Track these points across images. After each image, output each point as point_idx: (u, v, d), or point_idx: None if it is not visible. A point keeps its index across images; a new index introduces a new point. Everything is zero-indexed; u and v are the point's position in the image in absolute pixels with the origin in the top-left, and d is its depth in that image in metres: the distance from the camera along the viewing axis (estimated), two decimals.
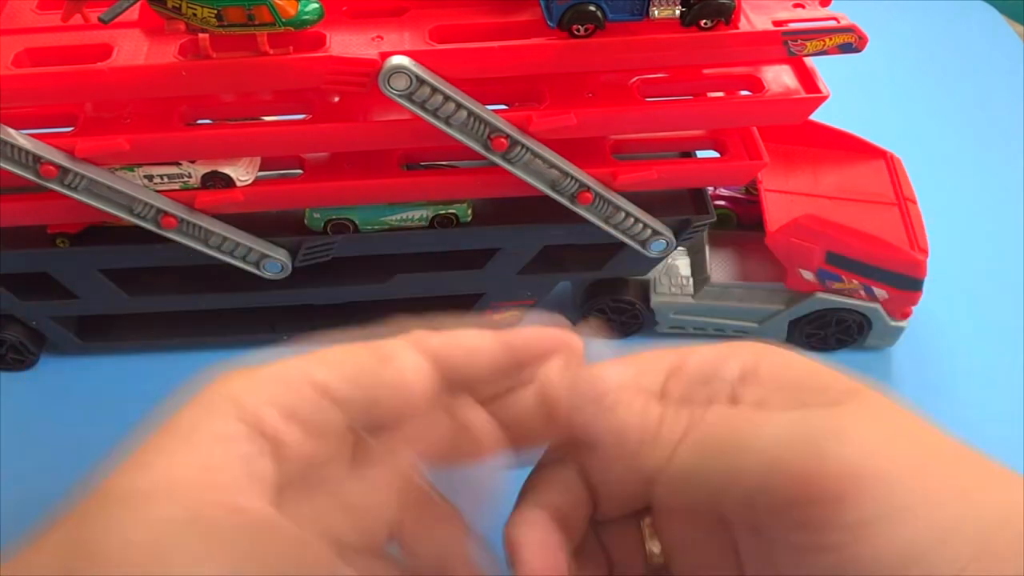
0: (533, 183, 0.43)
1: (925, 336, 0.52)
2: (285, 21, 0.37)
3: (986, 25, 0.81)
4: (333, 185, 0.44)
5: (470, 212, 0.46)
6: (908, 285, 0.47)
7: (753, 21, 0.40)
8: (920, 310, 0.49)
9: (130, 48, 0.39)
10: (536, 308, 0.51)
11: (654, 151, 0.47)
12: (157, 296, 0.49)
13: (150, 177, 0.42)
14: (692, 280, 0.50)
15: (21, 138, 0.39)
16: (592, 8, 0.38)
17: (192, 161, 0.42)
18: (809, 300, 0.49)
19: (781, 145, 0.50)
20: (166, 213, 0.43)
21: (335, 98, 0.43)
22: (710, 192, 0.49)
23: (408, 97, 0.39)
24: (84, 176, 0.41)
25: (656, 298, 0.50)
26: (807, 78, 0.43)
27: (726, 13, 0.38)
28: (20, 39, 0.40)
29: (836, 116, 0.49)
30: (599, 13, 0.38)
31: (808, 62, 0.43)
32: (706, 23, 0.39)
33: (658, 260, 0.48)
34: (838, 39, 0.39)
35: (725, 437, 0.24)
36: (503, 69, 0.40)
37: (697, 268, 0.51)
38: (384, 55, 0.38)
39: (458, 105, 0.40)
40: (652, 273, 0.50)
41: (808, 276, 0.48)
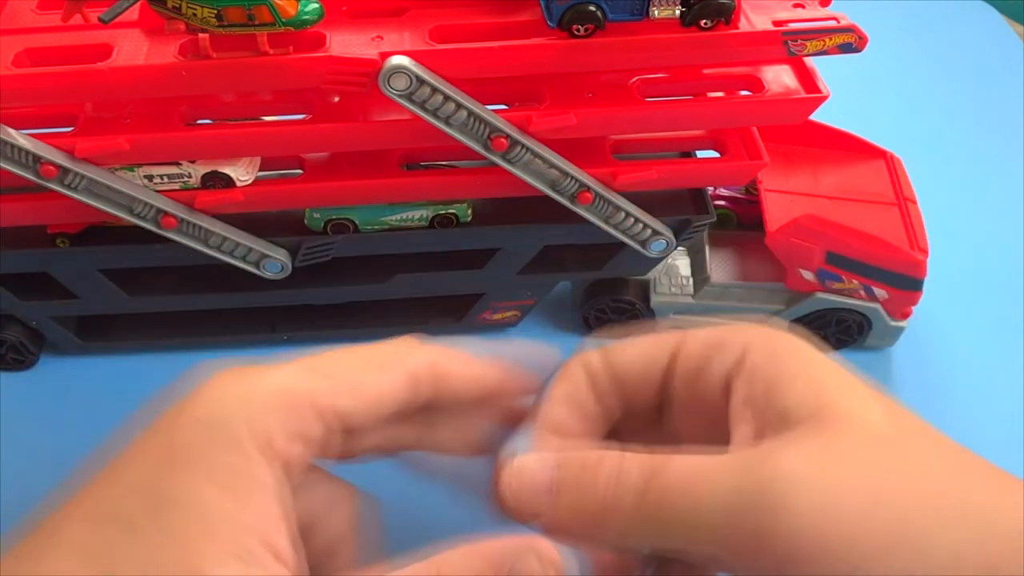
0: (533, 183, 0.43)
1: (925, 336, 0.52)
2: (285, 21, 0.37)
3: (986, 25, 0.81)
4: (333, 185, 0.44)
5: (470, 212, 0.46)
6: (908, 285, 0.47)
7: (753, 21, 0.40)
8: (920, 310, 0.49)
9: (130, 48, 0.39)
10: (536, 308, 0.52)
11: (654, 151, 0.47)
12: (157, 296, 0.49)
13: (150, 177, 0.42)
14: (692, 280, 0.50)
15: (21, 138, 0.39)
16: (592, 8, 0.38)
17: (192, 161, 0.42)
18: (809, 300, 0.49)
19: (781, 145, 0.50)
20: (166, 213, 0.43)
21: (335, 98, 0.43)
22: (710, 192, 0.49)
23: (408, 97, 0.39)
24: (84, 176, 0.41)
25: (656, 298, 0.50)
26: (807, 78, 0.43)
27: (726, 13, 0.38)
28: (20, 39, 0.40)
29: (836, 116, 0.49)
30: (599, 13, 0.38)
31: (808, 62, 0.43)
32: (706, 23, 0.39)
33: (658, 260, 0.48)
34: (838, 39, 0.39)
35: (676, 497, 0.25)
36: (503, 69, 0.40)
37: (697, 268, 0.51)
38: (384, 55, 0.38)
39: (458, 105, 0.40)
40: (652, 273, 0.50)
41: (808, 276, 0.48)
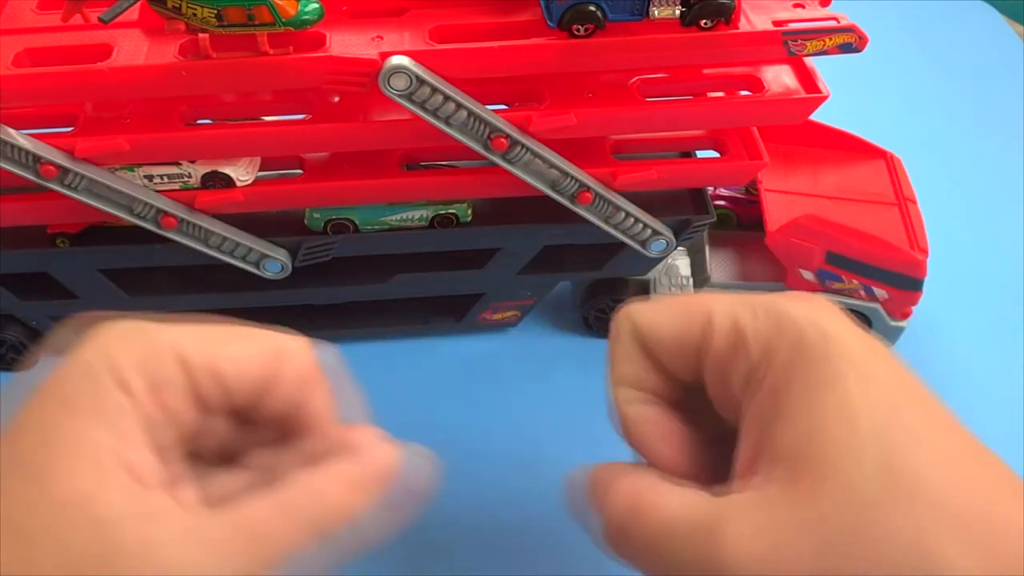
0: (533, 183, 0.43)
1: (925, 336, 0.52)
2: (285, 21, 0.37)
3: (986, 25, 0.81)
4: (333, 185, 0.44)
5: (470, 212, 0.46)
6: (908, 285, 0.47)
7: (753, 21, 0.40)
8: (920, 310, 0.49)
9: (130, 48, 0.39)
10: (536, 308, 0.52)
11: (654, 151, 0.47)
12: (157, 296, 0.48)
13: (150, 177, 0.42)
14: (692, 280, 0.50)
15: (21, 138, 0.39)
16: (592, 8, 0.38)
17: (192, 161, 0.42)
18: None
19: (781, 145, 0.50)
20: (166, 213, 0.43)
21: (335, 98, 0.43)
22: (710, 192, 0.49)
23: (408, 97, 0.39)
24: (84, 176, 0.41)
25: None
26: (807, 78, 0.43)
27: (726, 13, 0.38)
28: (20, 39, 0.40)
29: (836, 116, 0.49)
30: (599, 13, 0.38)
31: (808, 62, 0.43)
32: (706, 23, 0.39)
33: (658, 260, 0.48)
34: (838, 39, 0.39)
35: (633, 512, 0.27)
36: (503, 69, 0.40)
37: (697, 268, 0.51)
38: (384, 55, 0.38)
39: (458, 105, 0.40)
40: (652, 273, 0.50)
41: (808, 276, 0.48)
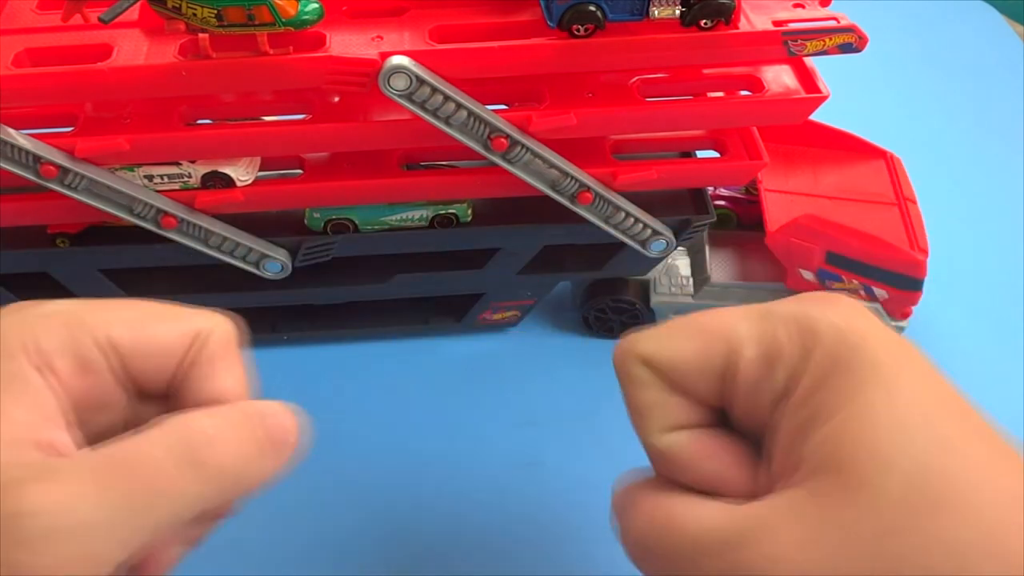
0: (533, 183, 0.43)
1: (925, 336, 0.51)
2: (285, 21, 0.37)
3: (986, 25, 0.81)
4: (333, 185, 0.44)
5: (470, 212, 0.46)
6: (908, 285, 0.47)
7: (753, 21, 0.40)
8: (920, 310, 0.49)
9: (130, 48, 0.39)
10: (536, 308, 0.52)
11: (654, 151, 0.47)
12: (157, 296, 0.48)
13: (150, 177, 0.42)
14: (692, 280, 0.50)
15: (21, 138, 0.39)
16: (592, 8, 0.38)
17: (192, 161, 0.42)
18: None
19: (781, 145, 0.50)
20: (166, 213, 0.43)
21: (335, 98, 0.43)
22: (710, 192, 0.49)
23: (408, 97, 0.39)
24: (84, 176, 0.41)
25: (656, 298, 0.50)
26: (807, 78, 0.43)
27: (726, 13, 0.38)
28: (20, 39, 0.40)
29: (836, 116, 0.49)
30: (599, 13, 0.38)
31: (808, 62, 0.43)
32: (706, 23, 0.39)
33: (658, 260, 0.48)
34: (838, 39, 0.39)
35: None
36: (503, 69, 0.40)
37: (697, 268, 0.51)
38: (384, 55, 0.38)
39: (458, 105, 0.40)
40: (652, 273, 0.50)
41: (808, 276, 0.48)
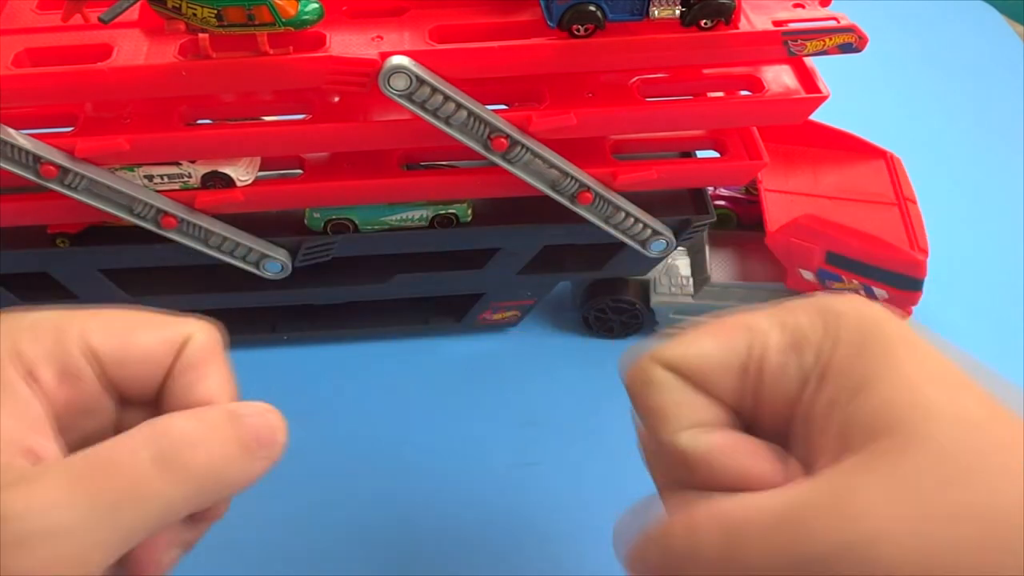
0: (533, 183, 0.43)
1: None
2: (285, 21, 0.37)
3: (986, 25, 0.81)
4: (333, 185, 0.44)
5: (470, 212, 0.46)
6: (908, 285, 0.47)
7: (753, 21, 0.40)
8: (920, 310, 0.49)
9: (130, 48, 0.39)
10: (536, 308, 0.52)
11: (654, 151, 0.47)
12: (157, 296, 0.48)
13: (150, 177, 0.42)
14: (692, 280, 0.50)
15: (21, 138, 0.39)
16: (592, 8, 0.38)
17: (192, 161, 0.42)
18: None
19: (781, 145, 0.50)
20: (166, 213, 0.43)
21: (335, 98, 0.43)
22: (710, 192, 0.49)
23: (408, 97, 0.39)
24: (84, 176, 0.41)
25: (656, 298, 0.50)
26: (807, 78, 0.43)
27: (726, 13, 0.38)
28: (20, 39, 0.40)
29: (836, 116, 0.49)
30: (599, 13, 0.38)
31: (808, 62, 0.43)
32: (706, 23, 0.39)
33: (658, 260, 0.48)
34: (838, 39, 0.39)
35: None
36: (503, 69, 0.40)
37: (697, 268, 0.51)
38: (384, 55, 0.38)
39: (458, 105, 0.40)
40: (652, 273, 0.50)
41: (808, 276, 0.48)
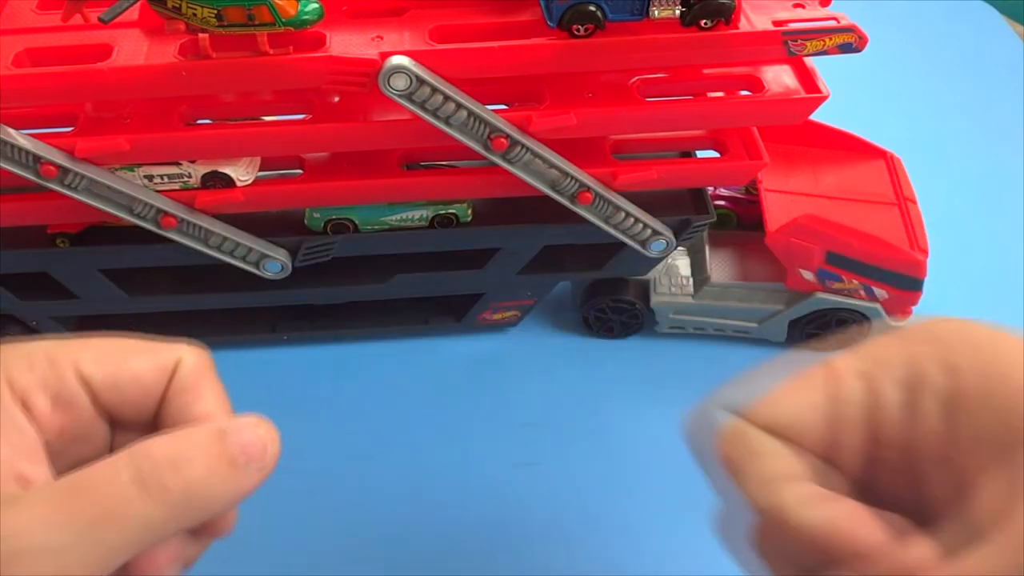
0: (533, 183, 0.43)
1: None
2: (285, 21, 0.37)
3: (986, 25, 0.81)
4: (333, 185, 0.44)
5: (470, 212, 0.46)
6: (908, 285, 0.47)
7: (753, 21, 0.40)
8: (920, 310, 0.49)
9: (130, 48, 0.39)
10: (536, 308, 0.52)
11: (654, 151, 0.47)
12: (157, 296, 0.49)
13: (150, 177, 0.42)
14: (692, 280, 0.50)
15: (21, 138, 0.39)
16: (592, 8, 0.38)
17: (192, 161, 0.42)
18: (809, 300, 0.49)
19: (781, 145, 0.50)
20: (166, 213, 0.43)
21: (335, 98, 0.43)
22: (710, 192, 0.49)
23: (408, 97, 0.39)
24: (84, 176, 0.41)
25: (656, 298, 0.50)
26: (807, 78, 0.43)
27: (726, 13, 0.38)
28: (20, 39, 0.40)
29: (836, 116, 0.49)
30: (599, 13, 0.38)
31: (808, 62, 0.43)
32: (706, 23, 0.39)
33: (658, 260, 0.48)
34: (838, 39, 0.39)
35: None
36: (503, 69, 0.40)
37: (697, 268, 0.51)
38: (384, 55, 0.38)
39: (458, 105, 0.40)
40: (652, 273, 0.50)
41: (808, 276, 0.48)
